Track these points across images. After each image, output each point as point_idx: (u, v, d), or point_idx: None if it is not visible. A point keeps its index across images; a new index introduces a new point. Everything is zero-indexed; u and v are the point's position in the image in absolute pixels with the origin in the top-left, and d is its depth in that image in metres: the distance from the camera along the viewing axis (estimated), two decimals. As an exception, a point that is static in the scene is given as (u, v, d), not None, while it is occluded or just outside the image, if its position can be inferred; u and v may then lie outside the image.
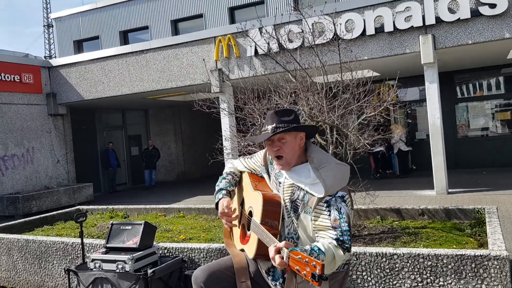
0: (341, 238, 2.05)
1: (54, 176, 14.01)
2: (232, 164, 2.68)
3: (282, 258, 1.89)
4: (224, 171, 2.67)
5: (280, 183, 2.33)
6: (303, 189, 2.21)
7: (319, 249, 1.95)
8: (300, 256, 1.82)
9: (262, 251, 2.20)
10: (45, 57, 48.70)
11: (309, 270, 1.76)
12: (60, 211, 7.61)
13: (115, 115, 17.43)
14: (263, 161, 2.48)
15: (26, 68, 13.45)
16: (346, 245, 2.06)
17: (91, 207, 7.91)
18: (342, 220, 2.08)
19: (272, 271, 2.29)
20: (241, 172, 2.64)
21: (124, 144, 17.65)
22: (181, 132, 18.43)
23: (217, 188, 2.57)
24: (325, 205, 2.12)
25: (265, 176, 2.47)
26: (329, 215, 2.10)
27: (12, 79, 12.93)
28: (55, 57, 34.60)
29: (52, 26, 44.62)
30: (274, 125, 2.26)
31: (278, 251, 1.92)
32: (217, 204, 2.49)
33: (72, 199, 13.01)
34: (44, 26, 55.23)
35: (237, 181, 2.62)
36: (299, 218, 2.21)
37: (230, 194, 2.53)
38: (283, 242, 1.94)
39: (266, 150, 2.50)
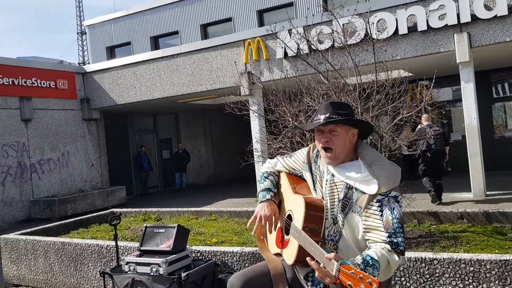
0: (394, 241, 1.96)
1: (88, 180, 14.30)
2: (270, 164, 2.59)
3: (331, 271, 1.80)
4: (264, 170, 2.58)
5: (326, 180, 2.23)
6: (352, 187, 2.12)
7: (372, 258, 1.86)
8: (353, 271, 1.72)
9: (302, 257, 2.12)
10: (79, 63, 49.93)
11: (364, 287, 1.67)
12: (94, 214, 7.73)
13: (147, 119, 17.69)
14: (306, 159, 2.38)
15: (61, 74, 13.79)
16: (401, 248, 1.96)
17: (124, 210, 8.00)
18: (395, 221, 1.99)
19: (311, 276, 2.22)
20: (279, 172, 2.57)
21: (155, 147, 17.88)
22: (211, 135, 18.54)
23: (262, 186, 2.49)
24: (377, 204, 2.03)
25: (307, 174, 2.37)
26: (381, 215, 2.01)
27: (47, 85, 13.28)
28: (89, 63, 35.45)
29: (86, 33, 45.74)
30: (327, 114, 2.15)
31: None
32: (261, 202, 2.40)
33: (106, 201, 13.24)
34: (77, 33, 56.62)
35: (277, 182, 2.55)
36: (346, 217, 2.11)
37: (275, 196, 2.46)
38: (333, 254, 1.85)
39: (309, 148, 2.41)
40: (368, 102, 4.98)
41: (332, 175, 2.21)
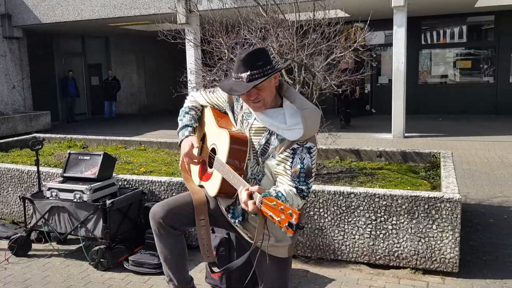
0: (299, 187, 2.06)
1: (9, 102, 13.44)
2: (193, 97, 2.54)
3: (254, 203, 1.86)
4: (186, 105, 2.53)
5: (248, 123, 2.23)
6: (274, 133, 2.14)
7: (282, 194, 1.96)
8: (275, 202, 1.79)
9: (225, 190, 2.17)
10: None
11: (284, 217, 1.73)
12: (15, 138, 7.36)
13: (74, 41, 16.62)
14: (227, 98, 2.36)
15: (-24, -16, 12.47)
16: (304, 194, 2.08)
17: (48, 135, 7.68)
18: (302, 170, 2.07)
19: (232, 209, 2.28)
20: (202, 106, 2.53)
21: (83, 72, 16.99)
22: (144, 63, 17.88)
23: (180, 123, 2.45)
24: (291, 152, 2.09)
25: (229, 113, 2.36)
26: (292, 162, 2.08)
27: (-40, -5, 11.99)
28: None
29: None
30: (248, 72, 2.06)
31: (250, 195, 1.89)
32: (181, 141, 2.40)
33: (28, 126, 12.61)
34: None
35: (199, 116, 2.52)
36: (265, 162, 2.17)
37: (194, 131, 2.44)
38: (256, 187, 1.90)
39: None
40: (304, 40, 4.99)
41: (256, 120, 2.21)
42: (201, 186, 2.41)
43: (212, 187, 2.26)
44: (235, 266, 2.22)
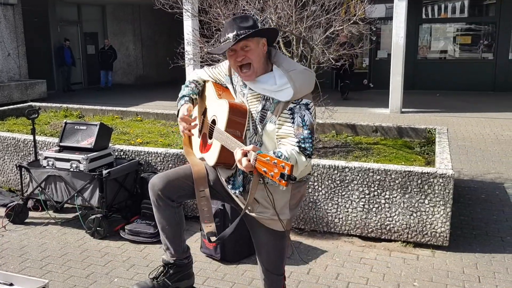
0: (302, 145, 2.07)
1: (4, 70, 13.31)
2: (195, 73, 2.59)
3: (249, 160, 1.89)
4: (187, 80, 2.58)
5: (244, 94, 2.26)
6: (269, 98, 2.17)
7: (282, 154, 1.96)
8: (268, 158, 1.81)
9: (224, 157, 2.18)
10: None
11: (277, 171, 1.76)
12: (11, 106, 7.33)
13: (70, 9, 16.35)
14: (228, 71, 2.39)
15: None
16: (308, 152, 2.08)
17: (44, 104, 7.65)
18: (304, 127, 2.08)
19: (232, 180, 2.30)
20: (204, 82, 2.55)
21: (79, 41, 16.78)
22: (141, 33, 17.64)
23: (179, 96, 2.48)
24: (289, 112, 2.10)
25: (230, 86, 2.39)
26: (293, 122, 2.09)
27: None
28: None
29: None
30: (234, 32, 2.12)
31: (245, 154, 1.91)
32: (179, 111, 2.42)
33: (24, 95, 12.53)
34: None
35: (200, 90, 2.54)
36: (264, 129, 2.18)
37: (192, 102, 2.46)
38: (251, 146, 1.93)
39: None
40: (303, 12, 4.93)
41: (250, 89, 2.24)
42: (202, 159, 2.42)
43: (211, 156, 2.27)
44: (227, 234, 2.26)
